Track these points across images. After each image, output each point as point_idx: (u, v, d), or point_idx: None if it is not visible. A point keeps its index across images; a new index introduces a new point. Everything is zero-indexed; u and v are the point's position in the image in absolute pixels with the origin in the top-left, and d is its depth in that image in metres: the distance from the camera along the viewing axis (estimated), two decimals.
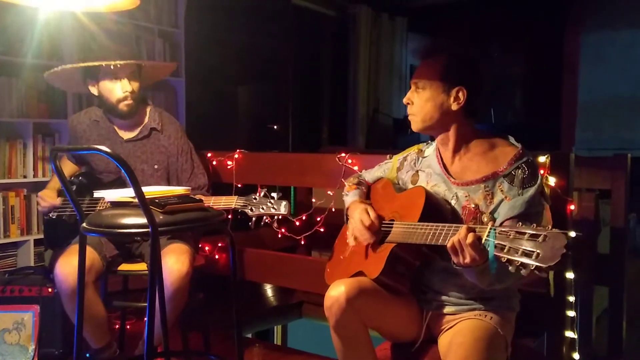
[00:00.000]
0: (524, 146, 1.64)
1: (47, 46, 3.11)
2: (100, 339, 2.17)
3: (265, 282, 3.63)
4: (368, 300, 1.60)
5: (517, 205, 1.55)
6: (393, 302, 1.65)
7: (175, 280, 2.03)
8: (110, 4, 2.16)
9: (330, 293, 1.59)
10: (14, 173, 3.07)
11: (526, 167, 1.58)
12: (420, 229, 1.54)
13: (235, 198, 2.18)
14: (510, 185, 1.57)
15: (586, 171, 2.55)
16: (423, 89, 1.65)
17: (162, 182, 2.36)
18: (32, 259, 3.09)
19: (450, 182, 1.66)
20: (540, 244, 1.26)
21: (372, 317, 1.63)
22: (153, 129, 2.37)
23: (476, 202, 1.60)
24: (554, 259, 1.24)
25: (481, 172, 1.62)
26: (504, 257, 1.30)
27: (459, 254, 1.41)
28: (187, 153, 2.41)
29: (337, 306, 1.57)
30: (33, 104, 3.13)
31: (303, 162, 2.70)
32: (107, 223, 1.54)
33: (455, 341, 1.54)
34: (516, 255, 1.28)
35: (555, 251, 1.24)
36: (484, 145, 1.66)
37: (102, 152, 1.46)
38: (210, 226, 1.67)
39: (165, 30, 3.73)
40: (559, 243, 1.24)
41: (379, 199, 1.85)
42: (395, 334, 1.73)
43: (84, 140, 2.35)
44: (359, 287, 1.59)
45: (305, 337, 3.88)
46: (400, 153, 1.89)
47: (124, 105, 2.26)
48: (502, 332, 1.58)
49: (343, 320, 1.58)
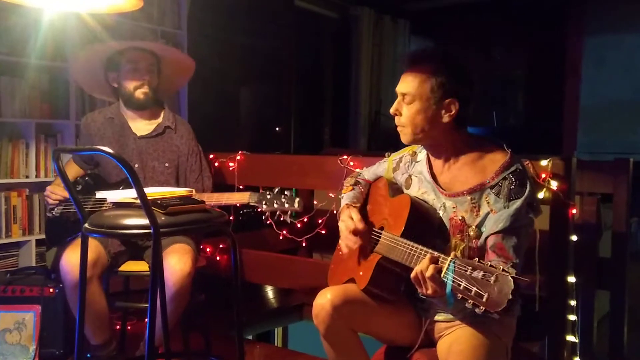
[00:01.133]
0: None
1: (50, 47, 3.11)
2: (101, 335, 2.17)
3: (266, 284, 3.63)
4: (354, 307, 1.61)
5: (501, 219, 1.50)
6: (383, 309, 1.65)
7: (177, 280, 2.04)
8: (113, 5, 2.17)
9: (317, 301, 1.61)
10: (16, 173, 3.07)
11: (513, 177, 1.52)
12: (400, 246, 1.53)
13: (249, 194, 2.21)
14: (496, 197, 1.52)
15: (588, 175, 2.54)
16: (412, 101, 1.58)
17: (171, 180, 2.39)
18: (33, 259, 3.09)
19: (439, 192, 1.63)
20: (491, 285, 1.22)
21: (360, 323, 1.64)
22: (167, 127, 2.43)
23: (462, 214, 1.57)
24: (499, 305, 1.20)
25: (468, 184, 1.57)
26: (459, 295, 1.28)
27: (422, 284, 1.40)
28: (197, 155, 2.47)
29: (324, 314, 1.58)
30: (36, 104, 3.13)
31: (305, 164, 2.70)
32: (109, 224, 1.55)
33: (455, 349, 1.52)
34: (469, 295, 1.25)
35: (502, 296, 1.20)
36: (473, 154, 1.61)
37: (105, 153, 1.46)
38: (212, 227, 1.67)
39: (167, 31, 3.73)
40: (507, 288, 1.20)
41: (376, 201, 1.84)
42: (389, 337, 1.72)
43: (98, 138, 2.39)
44: (344, 295, 1.60)
45: (306, 339, 3.87)
46: (395, 153, 1.87)
47: (140, 93, 2.35)
48: (502, 338, 1.56)
49: (331, 327, 1.59)
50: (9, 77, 3.03)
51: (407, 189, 1.74)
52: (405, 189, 1.75)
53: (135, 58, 2.35)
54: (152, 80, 2.38)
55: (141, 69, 2.34)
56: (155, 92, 2.40)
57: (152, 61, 2.39)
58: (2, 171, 3.02)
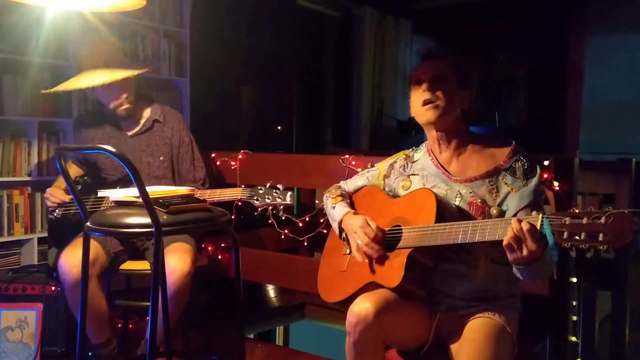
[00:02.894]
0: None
1: (53, 45, 3.11)
2: (101, 334, 2.18)
3: (267, 283, 3.63)
4: (392, 316, 1.55)
5: (525, 194, 1.60)
6: (410, 312, 1.63)
7: (176, 279, 2.04)
8: (116, 4, 2.17)
9: (355, 309, 1.52)
10: (18, 171, 3.08)
11: (524, 159, 1.64)
12: (443, 230, 1.52)
13: (240, 189, 2.21)
14: (513, 178, 1.63)
15: (590, 175, 2.55)
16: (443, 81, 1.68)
17: (168, 174, 2.39)
18: (35, 257, 3.09)
19: (451, 181, 1.67)
20: (604, 225, 1.24)
21: (392, 332, 1.59)
22: (155, 120, 2.43)
23: (482, 196, 1.62)
24: (627, 237, 1.22)
25: (483, 168, 1.66)
26: (567, 244, 1.29)
27: (517, 248, 1.38)
28: (188, 145, 2.46)
29: (364, 324, 1.50)
30: (38, 103, 3.13)
31: (306, 163, 2.70)
32: (111, 222, 1.55)
33: (467, 338, 1.55)
34: (579, 240, 1.26)
35: (626, 230, 1.22)
36: (479, 144, 1.71)
37: (108, 152, 1.46)
38: (214, 226, 1.67)
39: (170, 30, 3.74)
40: (627, 221, 1.22)
41: (368, 208, 1.82)
42: (407, 342, 1.69)
43: (90, 140, 2.40)
44: (386, 303, 1.54)
45: (307, 338, 3.88)
46: (385, 160, 1.89)
47: (121, 110, 2.36)
48: (509, 329, 1.59)
49: (367, 338, 1.52)
50: (12, 75, 3.03)
51: (406, 191, 1.75)
52: (404, 191, 1.76)
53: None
54: (130, 94, 2.35)
55: (115, 87, 2.29)
56: (137, 100, 2.39)
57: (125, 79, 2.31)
58: (4, 169, 3.02)
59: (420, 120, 1.71)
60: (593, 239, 1.25)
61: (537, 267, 1.44)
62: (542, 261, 1.41)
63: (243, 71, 4.81)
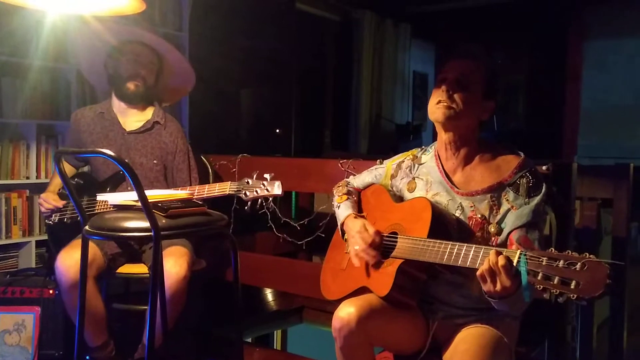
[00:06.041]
0: (526, 155, 1.63)
1: (52, 49, 3.12)
2: (98, 337, 2.17)
3: (266, 287, 3.62)
4: (378, 321, 1.55)
5: (524, 214, 1.54)
6: (400, 318, 1.62)
7: (173, 283, 2.04)
8: (115, 8, 2.17)
9: (340, 314, 1.53)
10: (16, 174, 3.08)
11: (530, 175, 1.57)
12: (432, 246, 1.49)
13: (229, 183, 2.18)
14: (515, 195, 1.56)
15: (588, 180, 2.55)
16: (467, 85, 1.59)
17: (160, 178, 2.38)
18: (33, 260, 3.09)
19: (454, 192, 1.63)
20: (579, 272, 1.20)
21: (380, 336, 1.59)
22: (156, 122, 2.42)
23: (482, 212, 1.58)
24: (597, 290, 1.18)
25: (486, 182, 1.60)
26: (539, 286, 1.24)
27: (490, 281, 1.34)
28: (185, 154, 2.44)
29: (347, 329, 1.51)
30: (37, 105, 3.14)
31: (305, 167, 2.69)
32: (110, 226, 1.55)
33: (460, 348, 1.53)
34: (551, 284, 1.22)
35: (598, 282, 1.18)
36: (487, 154, 1.64)
37: (106, 156, 1.47)
38: (213, 230, 1.67)
39: (169, 33, 3.74)
40: (601, 273, 1.18)
41: (373, 208, 1.80)
42: (400, 347, 1.69)
43: (87, 134, 2.38)
44: (370, 308, 1.53)
45: (305, 342, 3.87)
46: (393, 159, 1.84)
47: (132, 84, 2.34)
48: (506, 340, 1.57)
49: (352, 343, 1.53)
50: (11, 78, 3.04)
51: (411, 193, 1.72)
52: (409, 193, 1.73)
53: (138, 51, 2.37)
54: (148, 77, 2.37)
55: (140, 62, 2.35)
56: (148, 90, 2.38)
57: (153, 60, 2.39)
58: (2, 172, 3.02)
59: (430, 117, 1.65)
60: (565, 286, 1.20)
61: (509, 302, 1.39)
62: (515, 298, 1.35)
63: (242, 74, 4.82)
